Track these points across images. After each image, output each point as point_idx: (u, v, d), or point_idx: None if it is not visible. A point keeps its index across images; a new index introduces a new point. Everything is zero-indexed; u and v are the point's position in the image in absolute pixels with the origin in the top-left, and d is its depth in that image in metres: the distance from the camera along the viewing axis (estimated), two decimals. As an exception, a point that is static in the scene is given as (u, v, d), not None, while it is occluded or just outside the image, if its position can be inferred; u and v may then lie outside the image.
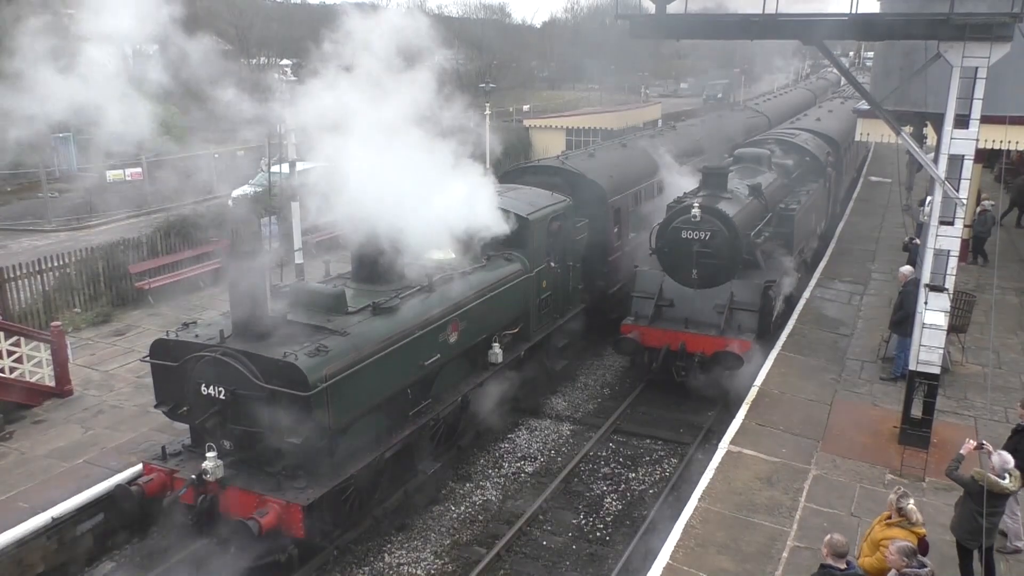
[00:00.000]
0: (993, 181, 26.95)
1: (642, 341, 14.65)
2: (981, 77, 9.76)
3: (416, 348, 10.71)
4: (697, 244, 14.49)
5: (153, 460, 10.01)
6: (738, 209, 15.06)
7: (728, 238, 14.41)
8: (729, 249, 14.44)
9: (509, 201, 13.87)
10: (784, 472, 10.93)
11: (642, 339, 14.65)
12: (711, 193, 15.39)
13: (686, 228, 14.57)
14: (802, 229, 17.89)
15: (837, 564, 6.64)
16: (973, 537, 8.20)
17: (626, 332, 14.75)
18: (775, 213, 16.85)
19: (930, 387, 11.16)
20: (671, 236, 14.80)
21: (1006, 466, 8.01)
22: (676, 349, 14.38)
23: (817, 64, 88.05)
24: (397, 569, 10.41)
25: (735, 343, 13.92)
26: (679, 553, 9.21)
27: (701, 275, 14.62)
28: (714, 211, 14.51)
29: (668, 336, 14.51)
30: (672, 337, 14.45)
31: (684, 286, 14.83)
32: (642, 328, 14.72)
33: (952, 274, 10.64)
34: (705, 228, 14.42)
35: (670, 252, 14.86)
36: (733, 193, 15.62)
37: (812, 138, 22.95)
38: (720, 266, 14.56)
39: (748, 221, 15.33)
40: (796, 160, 20.70)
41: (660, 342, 14.52)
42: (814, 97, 47.76)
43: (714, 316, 14.51)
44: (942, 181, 10.21)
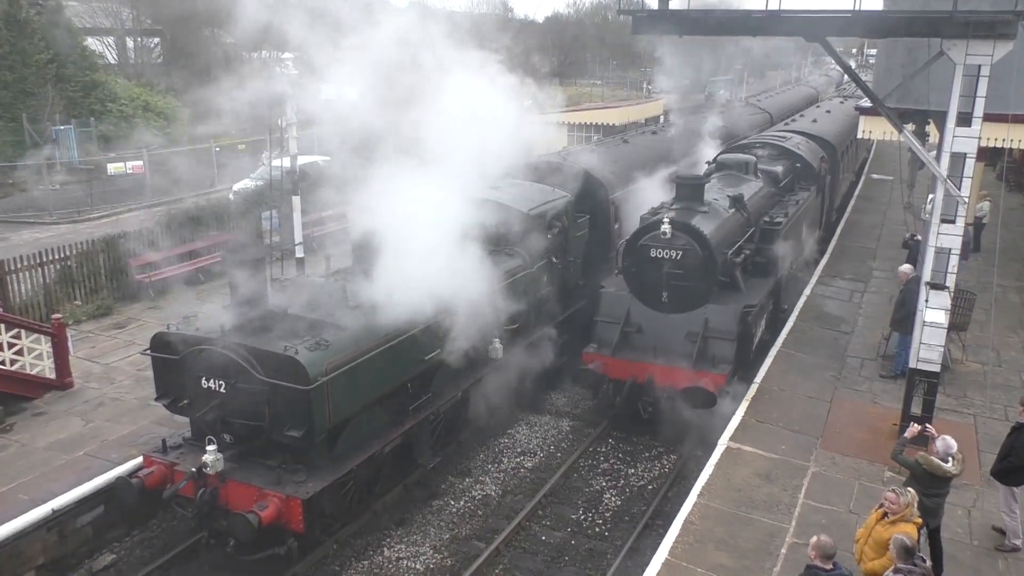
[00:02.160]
0: (995, 179, 26.93)
1: (605, 372, 13.20)
2: (984, 75, 9.75)
3: (416, 343, 10.71)
4: (667, 264, 12.96)
5: (153, 453, 10.04)
6: (715, 224, 13.53)
7: (702, 258, 12.85)
8: (703, 270, 12.91)
9: (509, 196, 13.88)
10: (783, 469, 10.94)
11: (605, 370, 13.18)
12: (685, 206, 13.81)
13: (655, 246, 13.04)
14: (789, 244, 16.03)
15: (824, 565, 6.69)
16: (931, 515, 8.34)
17: (588, 361, 13.30)
18: (758, 227, 15.15)
19: (930, 385, 11.16)
20: (639, 255, 13.26)
21: (949, 450, 8.22)
22: (642, 382, 12.93)
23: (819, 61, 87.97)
24: (396, 563, 10.43)
25: (707, 377, 12.42)
26: (678, 549, 9.22)
27: (672, 299, 13.10)
28: (687, 227, 12.95)
29: (634, 367, 13.03)
30: (638, 368, 12.99)
31: (654, 310, 13.37)
32: (605, 358, 13.23)
33: (953, 272, 10.64)
34: (676, 246, 12.91)
35: (638, 272, 13.33)
36: (711, 206, 14.04)
37: (805, 142, 21.14)
38: (693, 289, 13.02)
39: (727, 237, 13.77)
40: (786, 166, 18.86)
41: (625, 374, 13.06)
42: (816, 94, 47.74)
43: (686, 345, 12.95)
44: (944, 179, 10.19)
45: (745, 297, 13.56)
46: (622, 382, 13.12)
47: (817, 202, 19.70)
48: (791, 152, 19.47)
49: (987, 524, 9.74)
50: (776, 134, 21.98)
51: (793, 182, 18.60)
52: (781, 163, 18.73)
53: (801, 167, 19.15)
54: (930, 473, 8.16)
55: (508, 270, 12.85)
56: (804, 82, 61.56)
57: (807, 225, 18.47)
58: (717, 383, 12.37)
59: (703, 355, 12.83)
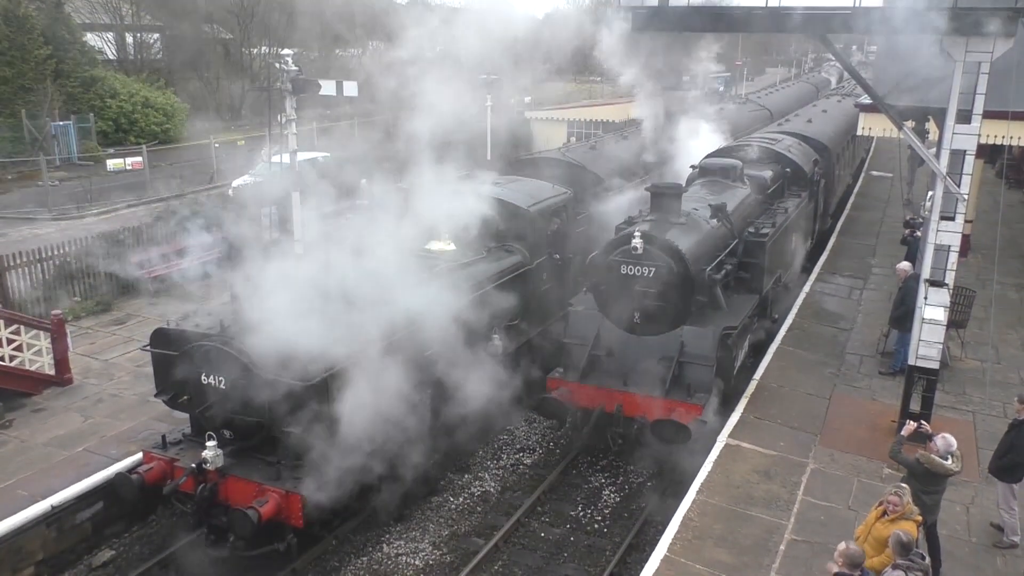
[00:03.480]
0: (995, 176, 26.93)
1: (571, 400, 12.05)
2: (984, 72, 9.75)
3: (416, 339, 10.71)
4: (639, 282, 11.82)
5: (153, 449, 10.05)
6: (693, 238, 12.41)
7: (677, 275, 11.75)
8: (679, 288, 11.81)
9: (510, 193, 13.88)
10: (782, 465, 10.96)
11: (572, 397, 12.04)
12: (660, 218, 12.64)
13: (626, 262, 11.88)
14: (776, 257, 14.81)
15: (852, 573, 6.60)
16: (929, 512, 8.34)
17: (552, 387, 12.16)
18: (742, 239, 13.78)
19: (929, 382, 11.18)
20: (608, 271, 12.11)
21: (950, 448, 8.23)
22: (611, 411, 11.82)
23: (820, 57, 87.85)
24: (395, 559, 10.45)
25: (681, 408, 11.34)
26: (677, 545, 9.24)
27: (645, 320, 11.98)
28: (660, 242, 11.85)
29: (602, 395, 11.89)
30: (607, 396, 11.85)
31: (625, 332, 12.28)
32: (571, 384, 12.11)
33: (952, 269, 10.64)
34: (649, 263, 11.74)
35: (607, 291, 12.20)
36: (690, 216, 12.88)
37: (797, 144, 19.80)
38: (667, 309, 11.91)
39: (706, 252, 12.54)
40: (775, 171, 17.47)
41: (593, 402, 11.94)
42: (816, 91, 47.67)
43: (660, 371, 11.79)
44: (943, 176, 10.20)
45: (726, 317, 12.33)
46: (590, 411, 12.00)
47: (809, 209, 18.46)
48: (781, 156, 18.23)
49: (985, 521, 9.76)
50: (766, 136, 20.74)
51: (783, 188, 17.32)
52: (770, 167, 17.50)
53: (792, 172, 17.89)
54: (930, 471, 8.18)
55: (508, 266, 12.85)
56: (804, 78, 61.48)
57: (797, 234, 17.20)
58: (692, 414, 11.25)
59: (678, 382, 11.76)
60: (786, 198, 16.99)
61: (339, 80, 15.82)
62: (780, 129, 22.65)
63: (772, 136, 20.36)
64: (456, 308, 10.97)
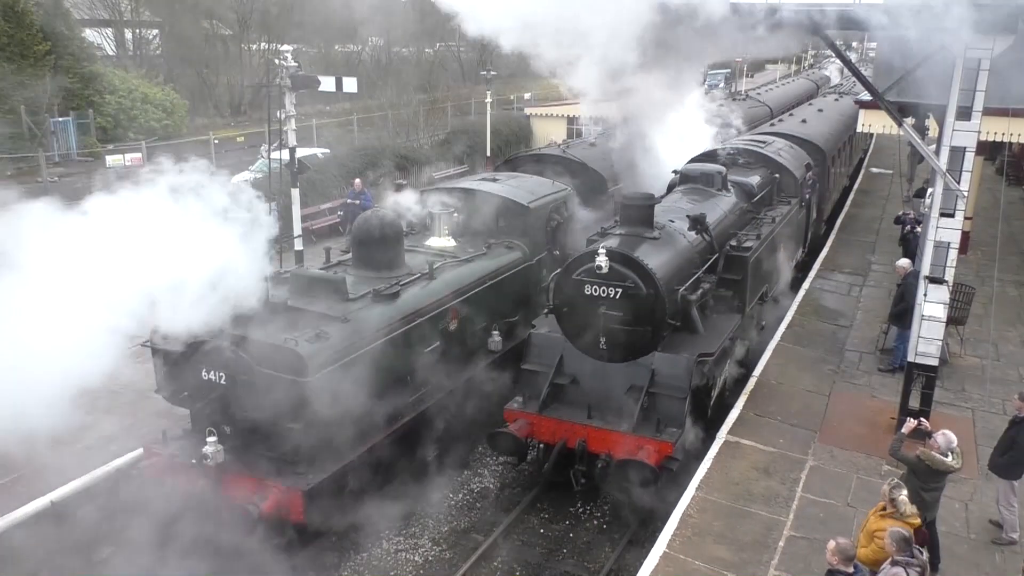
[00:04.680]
0: (995, 173, 26.94)
1: (531, 433, 11.03)
2: (984, 69, 9.75)
3: (416, 335, 10.73)
4: (605, 304, 10.65)
5: (153, 445, 10.06)
6: (666, 254, 11.24)
7: (647, 297, 10.53)
8: (648, 312, 10.59)
9: (510, 189, 13.89)
10: (781, 462, 10.97)
11: (531, 431, 11.00)
12: (630, 232, 11.43)
13: (590, 282, 10.69)
14: (761, 273, 13.64)
15: (846, 569, 6.61)
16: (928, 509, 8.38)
17: (510, 420, 11.08)
18: (723, 254, 12.55)
19: (928, 379, 11.19)
20: (572, 291, 10.91)
21: (950, 445, 8.23)
22: (573, 447, 10.80)
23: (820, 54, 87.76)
24: (395, 556, 10.47)
25: (650, 446, 10.21)
26: (676, 542, 9.26)
27: (611, 345, 10.79)
28: (627, 260, 10.62)
29: (564, 429, 10.85)
30: (569, 430, 10.82)
31: (591, 358, 11.14)
32: (531, 415, 11.02)
33: (952, 266, 10.66)
34: (615, 283, 10.55)
35: (571, 313, 11.00)
36: (665, 229, 11.71)
37: (788, 147, 18.51)
38: (636, 334, 10.70)
39: (681, 269, 11.37)
40: (764, 176, 16.21)
41: (553, 436, 10.93)
42: (816, 87, 47.66)
43: (628, 402, 10.79)
44: (943, 173, 10.20)
45: (703, 342, 11.29)
46: (551, 445, 11.05)
47: (800, 217, 17.26)
48: (770, 160, 17.00)
49: (984, 518, 9.78)
50: (755, 138, 19.36)
51: (771, 195, 16.10)
52: (758, 173, 16.29)
53: (781, 177, 16.69)
54: (931, 468, 8.18)
55: (508, 262, 12.86)
56: (805, 75, 61.45)
57: (786, 245, 15.90)
58: (662, 453, 10.21)
59: (648, 415, 10.69)
60: (775, 206, 15.90)
61: (339, 76, 15.82)
62: (772, 130, 21.65)
63: (761, 138, 19.20)
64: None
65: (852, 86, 40.10)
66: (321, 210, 23.43)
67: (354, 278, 10.99)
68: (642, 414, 10.63)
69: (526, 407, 11.17)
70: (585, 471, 10.78)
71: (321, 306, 10.02)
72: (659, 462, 10.11)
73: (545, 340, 11.54)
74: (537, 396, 11.21)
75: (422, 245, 12.70)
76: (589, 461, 10.69)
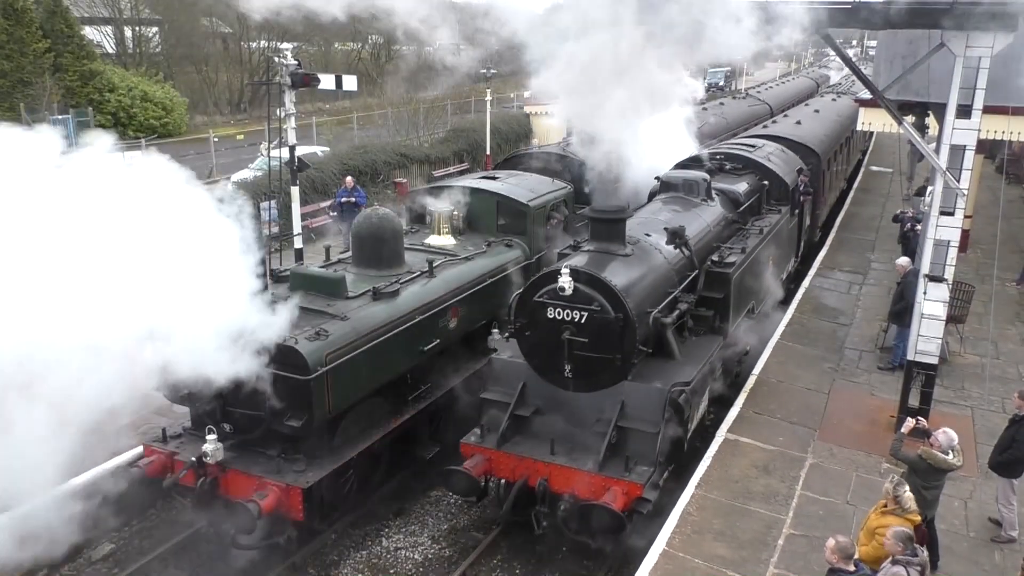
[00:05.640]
0: (995, 172, 26.94)
1: (489, 470, 9.98)
2: (984, 67, 9.75)
3: (416, 333, 10.74)
4: (570, 329, 9.67)
5: (153, 442, 10.06)
6: (637, 273, 10.24)
7: (615, 321, 9.51)
8: (617, 337, 9.58)
9: (510, 187, 13.89)
10: (781, 460, 10.98)
11: (489, 467, 9.96)
12: (599, 250, 10.38)
13: (554, 304, 9.74)
14: (746, 289, 12.53)
15: (846, 566, 6.62)
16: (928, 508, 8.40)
17: (467, 454, 10.07)
18: (703, 270, 11.56)
19: (928, 377, 11.20)
20: (534, 314, 9.93)
21: (951, 443, 8.25)
22: (534, 485, 9.67)
23: (820, 52, 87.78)
24: (395, 553, 10.47)
25: (617, 488, 9.11)
26: (675, 540, 9.26)
27: (577, 373, 9.79)
28: (594, 281, 9.60)
29: (524, 466, 9.76)
30: (530, 468, 9.72)
31: (556, 387, 10.11)
32: (489, 450, 9.98)
33: (952, 264, 10.66)
34: (580, 305, 9.57)
35: (533, 337, 10.02)
36: (639, 245, 10.72)
37: (780, 151, 17.54)
38: (604, 362, 9.69)
39: (655, 289, 10.41)
40: (752, 183, 15.21)
41: (513, 474, 9.83)
42: (816, 86, 47.69)
43: (595, 437, 9.76)
44: (943, 171, 10.20)
45: (679, 369, 10.24)
46: (511, 483, 9.95)
47: (791, 226, 16.20)
48: (759, 165, 16.03)
49: (983, 515, 9.79)
50: (744, 142, 18.22)
51: (759, 203, 15.05)
52: (746, 179, 15.30)
53: (771, 183, 15.67)
54: (932, 466, 8.19)
55: (508, 260, 12.86)
56: (804, 73, 61.43)
57: (776, 256, 14.78)
58: (630, 495, 9.13)
59: (617, 452, 9.62)
60: (763, 215, 14.91)
61: (339, 74, 15.81)
62: (764, 132, 20.61)
63: (751, 142, 18.09)
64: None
65: (851, 85, 40.08)
66: (321, 208, 23.45)
67: (354, 276, 11.00)
68: (610, 450, 9.56)
69: (484, 441, 10.11)
70: (548, 512, 9.67)
71: (321, 304, 10.03)
72: (626, 506, 9.05)
73: (506, 367, 10.51)
74: (497, 428, 10.11)
75: (422, 243, 12.71)
76: (552, 502, 9.57)
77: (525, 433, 10.22)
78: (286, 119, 14.81)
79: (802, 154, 18.47)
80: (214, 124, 37.30)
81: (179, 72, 46.27)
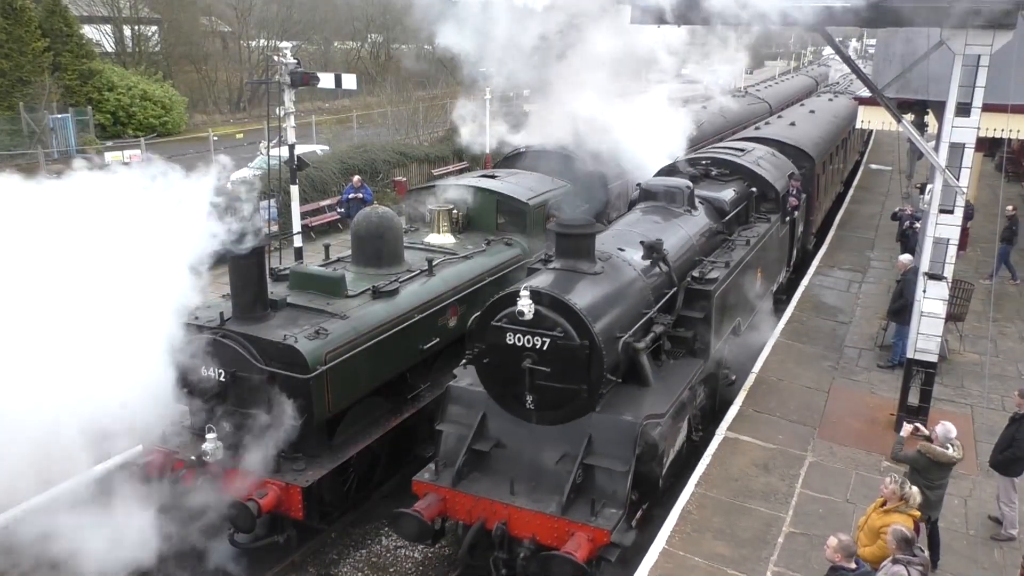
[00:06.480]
0: (994, 170, 26.94)
1: (443, 511, 9.01)
2: (983, 65, 9.75)
3: (415, 332, 10.74)
4: (530, 357, 8.74)
5: (153, 442, 10.05)
6: (608, 295, 9.33)
7: (579, 348, 8.62)
8: (583, 366, 8.68)
9: (509, 186, 13.88)
10: (780, 459, 10.98)
11: (444, 508, 8.99)
12: (565, 268, 9.51)
13: (513, 329, 8.81)
14: (729, 307, 11.59)
15: (848, 565, 6.62)
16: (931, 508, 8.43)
17: (419, 493, 9.12)
18: (682, 287, 10.54)
19: (927, 375, 11.21)
20: (492, 340, 9.00)
21: (948, 435, 8.24)
22: (492, 529, 8.70)
23: (819, 51, 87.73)
24: (394, 552, 10.48)
25: (582, 535, 8.22)
26: (675, 538, 9.26)
27: (540, 405, 8.92)
28: (557, 304, 8.71)
29: (482, 507, 8.78)
30: (488, 509, 8.75)
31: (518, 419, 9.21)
32: (443, 489, 8.99)
33: (951, 262, 10.66)
34: (542, 331, 8.65)
35: (492, 365, 9.11)
36: (610, 262, 9.85)
37: (770, 155, 16.71)
38: (569, 392, 8.79)
39: (628, 311, 9.52)
40: (739, 190, 14.27)
41: (470, 516, 8.86)
42: (815, 84, 47.69)
43: (559, 475, 8.78)
44: (943, 169, 10.20)
45: (652, 398, 9.32)
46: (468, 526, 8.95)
47: (781, 234, 15.30)
48: (747, 170, 15.12)
49: (983, 513, 9.80)
50: (732, 146, 17.28)
51: (747, 212, 14.15)
52: (732, 186, 14.36)
53: (760, 190, 14.74)
54: (933, 462, 8.19)
55: (507, 259, 12.86)
56: (804, 71, 61.42)
57: (765, 268, 13.87)
58: (596, 543, 8.25)
59: (583, 493, 8.66)
60: (751, 224, 13.99)
61: (338, 73, 15.78)
62: (757, 134, 19.72)
63: (740, 145, 17.09)
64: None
65: (849, 84, 40.04)
66: (321, 207, 23.44)
67: (353, 275, 11.00)
68: (575, 491, 8.60)
69: (439, 478, 9.11)
70: (507, 559, 8.76)
71: (320, 303, 10.03)
72: (591, 554, 8.18)
73: (465, 395, 9.53)
74: (453, 463, 9.11)
75: (421, 242, 12.71)
76: (511, 547, 8.68)
77: (484, 469, 9.21)
78: (285, 118, 14.81)
79: (795, 157, 17.83)
80: (213, 123, 37.31)
81: (178, 71, 46.25)
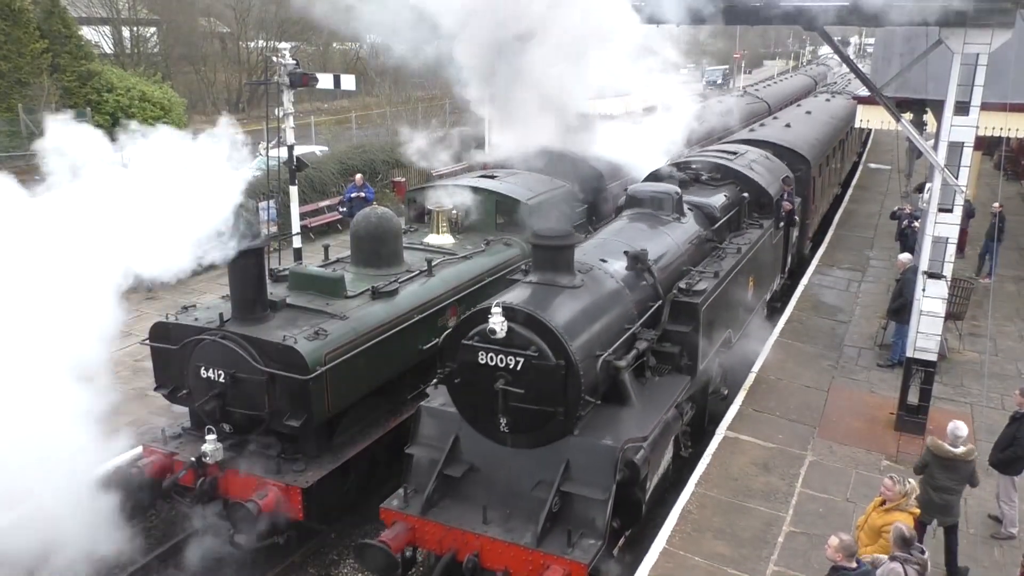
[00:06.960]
0: (993, 169, 26.95)
1: (413, 541, 8.51)
2: (982, 64, 9.75)
3: (415, 332, 10.73)
4: (503, 377, 8.23)
5: (153, 443, 10.06)
6: (587, 310, 8.83)
7: (555, 368, 8.12)
8: (559, 387, 8.17)
9: (508, 186, 13.88)
10: (780, 458, 10.98)
11: (413, 537, 8.48)
12: (542, 282, 8.96)
13: (485, 348, 8.29)
14: (719, 320, 11.03)
15: (849, 564, 6.61)
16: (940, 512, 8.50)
17: (387, 522, 8.60)
18: (667, 300, 10.06)
19: (927, 374, 11.21)
20: (464, 358, 8.50)
21: (956, 432, 8.25)
22: (463, 561, 8.17)
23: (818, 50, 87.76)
24: (395, 552, 10.46)
25: (557, 567, 7.73)
26: (675, 538, 9.25)
27: (515, 428, 8.43)
28: (531, 321, 8.19)
29: (453, 537, 8.28)
30: (459, 540, 8.25)
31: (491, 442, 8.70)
32: (412, 518, 8.48)
33: (950, 261, 10.67)
34: (515, 350, 8.17)
35: (464, 385, 8.62)
36: (590, 275, 9.34)
37: (764, 158, 16.31)
38: (544, 415, 8.28)
39: (608, 327, 8.99)
40: (731, 195, 13.76)
41: (440, 546, 8.34)
42: (814, 83, 47.72)
43: (535, 503, 8.26)
44: (941, 168, 10.21)
45: (634, 420, 8.77)
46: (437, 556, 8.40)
47: (775, 241, 14.84)
48: (739, 174, 14.62)
49: (983, 512, 9.78)
50: (724, 149, 16.71)
51: (738, 218, 13.64)
52: (724, 191, 13.89)
53: (752, 195, 14.23)
54: (941, 459, 8.19)
55: (506, 259, 12.86)
56: (803, 71, 61.44)
57: (757, 277, 13.37)
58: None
59: (560, 522, 8.18)
60: (743, 230, 13.51)
61: (337, 74, 15.78)
62: (751, 136, 19.21)
63: (732, 148, 16.59)
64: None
65: (847, 84, 40.05)
66: (320, 207, 23.43)
67: (353, 275, 11.00)
68: (551, 520, 8.13)
69: (408, 506, 8.58)
70: None
71: (320, 303, 10.03)
72: None
73: (437, 416, 9.03)
74: (423, 490, 8.58)
75: (420, 242, 12.70)
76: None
77: (456, 496, 8.67)
78: (284, 119, 14.81)
79: (790, 160, 17.35)
80: (213, 124, 37.24)
81: (177, 72, 46.19)
